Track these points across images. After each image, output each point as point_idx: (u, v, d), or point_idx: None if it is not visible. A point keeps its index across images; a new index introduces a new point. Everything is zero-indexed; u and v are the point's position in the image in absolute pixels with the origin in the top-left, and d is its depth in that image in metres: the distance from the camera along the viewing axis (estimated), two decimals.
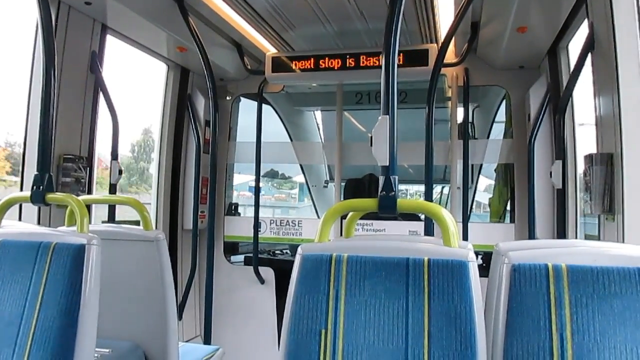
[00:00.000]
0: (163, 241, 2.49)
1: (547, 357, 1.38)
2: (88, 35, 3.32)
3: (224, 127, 4.68)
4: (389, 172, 1.68)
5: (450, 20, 3.46)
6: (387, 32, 1.75)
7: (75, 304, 1.73)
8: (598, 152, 2.66)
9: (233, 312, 4.55)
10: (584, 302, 1.40)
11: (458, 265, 1.51)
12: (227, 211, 4.79)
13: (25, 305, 1.74)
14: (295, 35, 4.12)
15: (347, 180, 5.30)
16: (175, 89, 4.40)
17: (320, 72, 4.08)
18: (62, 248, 1.78)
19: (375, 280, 1.56)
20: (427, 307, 1.50)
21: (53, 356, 1.67)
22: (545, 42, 3.59)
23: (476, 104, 5.30)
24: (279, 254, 5.20)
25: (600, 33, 2.65)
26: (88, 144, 3.34)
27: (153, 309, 2.47)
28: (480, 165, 5.30)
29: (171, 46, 3.98)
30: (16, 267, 1.81)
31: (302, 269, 1.62)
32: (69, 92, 3.17)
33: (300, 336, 1.56)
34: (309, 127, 6.65)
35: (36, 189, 1.97)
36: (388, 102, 1.71)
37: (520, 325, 1.42)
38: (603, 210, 2.55)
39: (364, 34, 4.07)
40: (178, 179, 4.46)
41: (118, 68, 4.03)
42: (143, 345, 2.46)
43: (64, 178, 3.10)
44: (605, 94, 2.64)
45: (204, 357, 2.90)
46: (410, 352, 1.48)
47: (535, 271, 1.45)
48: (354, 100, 5.11)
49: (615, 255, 1.47)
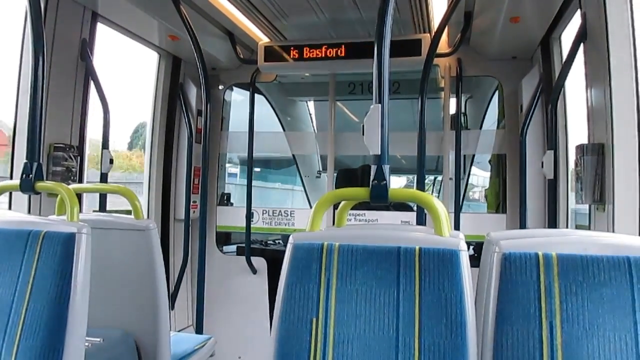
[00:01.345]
0: (154, 230, 2.48)
1: (536, 345, 1.39)
2: (78, 23, 3.28)
3: (216, 117, 4.66)
4: (380, 161, 1.68)
5: (443, 10, 3.45)
6: (379, 22, 1.74)
7: (65, 293, 1.72)
8: (589, 143, 2.67)
9: (225, 302, 4.55)
10: (574, 291, 1.41)
11: (449, 254, 1.52)
12: (219, 201, 4.79)
13: (15, 293, 1.73)
14: (288, 24, 4.10)
15: (340, 170, 5.30)
16: (167, 78, 4.37)
17: (313, 61, 4.06)
18: (52, 236, 1.77)
19: (366, 269, 1.56)
20: (418, 295, 1.51)
21: (43, 345, 1.67)
22: (538, 32, 3.59)
23: (469, 94, 5.30)
24: (271, 244, 5.20)
25: (593, 23, 2.65)
26: (79, 132, 3.31)
27: (144, 298, 2.47)
28: (472, 155, 5.31)
29: (163, 34, 3.95)
30: (5, 255, 1.79)
31: (293, 258, 1.62)
32: (59, 81, 3.14)
33: (291, 325, 1.56)
34: (302, 117, 6.63)
35: (26, 178, 1.96)
36: (380, 91, 1.70)
37: (510, 314, 1.43)
38: (594, 200, 2.57)
39: (357, 24, 4.05)
40: (170, 168, 4.44)
41: (110, 56, 4.00)
42: (134, 334, 2.45)
43: (54, 167, 3.07)
44: (597, 85, 2.65)
45: (195, 347, 2.91)
46: (401, 340, 1.48)
47: (526, 260, 1.45)
48: (346, 90, 5.10)
49: (605, 244, 1.48)
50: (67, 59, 3.21)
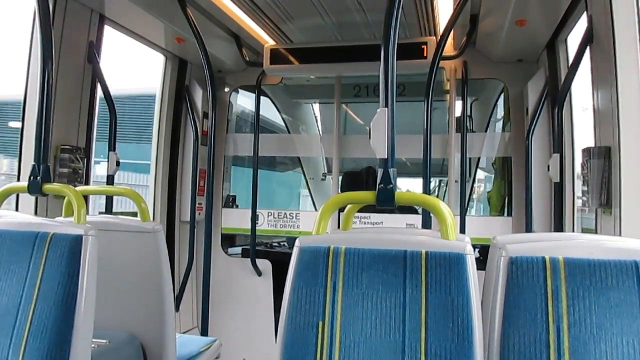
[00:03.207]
0: (161, 232, 2.49)
1: (543, 349, 1.39)
2: (86, 26, 3.30)
3: (222, 119, 4.66)
4: (387, 165, 1.67)
5: (449, 13, 3.45)
6: (386, 25, 1.74)
7: (72, 295, 1.73)
8: (596, 146, 2.66)
9: (230, 304, 4.56)
10: (581, 295, 1.41)
11: (456, 258, 1.52)
12: (224, 203, 4.79)
13: (22, 295, 1.74)
14: (293, 27, 4.11)
15: (345, 173, 5.29)
16: (172, 80, 4.38)
17: (318, 64, 4.07)
18: (59, 238, 1.78)
19: (372, 272, 1.56)
20: (425, 299, 1.51)
21: (50, 346, 1.68)
22: (544, 35, 3.58)
23: (474, 97, 5.29)
24: (276, 246, 5.20)
25: (599, 26, 2.64)
26: (85, 135, 3.33)
27: (150, 300, 2.48)
28: (478, 158, 5.31)
29: (169, 37, 3.96)
30: (13, 257, 1.80)
31: (299, 261, 1.62)
32: (66, 83, 3.15)
33: (297, 328, 1.56)
34: (308, 120, 6.64)
35: (33, 179, 1.97)
36: (387, 94, 1.70)
37: (517, 318, 1.43)
38: (600, 203, 2.56)
39: (363, 26, 4.06)
40: (175, 170, 4.46)
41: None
42: (140, 336, 2.46)
43: (61, 169, 3.09)
44: (603, 88, 2.64)
45: (201, 348, 2.91)
46: (408, 344, 1.48)
47: (533, 264, 1.45)
48: (352, 92, 5.10)
49: (612, 248, 1.47)
50: (74, 62, 3.23)
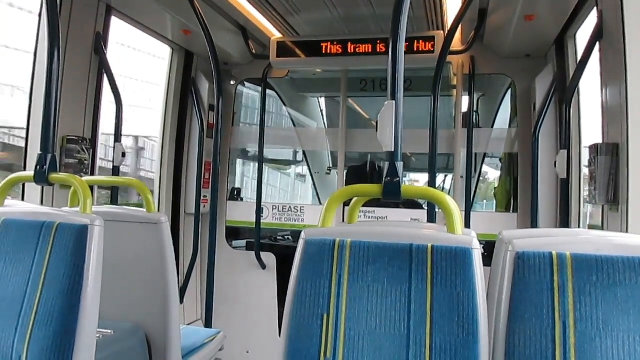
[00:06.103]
0: (166, 224, 2.49)
1: (549, 345, 1.38)
2: (93, 17, 3.30)
3: (228, 112, 4.66)
4: (394, 158, 1.67)
5: (457, 7, 3.43)
6: (394, 18, 1.73)
7: (77, 284, 1.73)
8: (603, 142, 2.64)
9: (234, 297, 4.57)
10: (588, 291, 1.40)
11: (462, 252, 1.51)
12: (229, 196, 4.80)
13: (28, 284, 1.75)
14: (300, 20, 4.09)
15: (350, 167, 5.28)
16: (179, 72, 4.38)
17: (325, 57, 4.05)
18: (65, 228, 1.78)
19: (378, 265, 1.56)
20: (430, 293, 1.50)
21: (55, 335, 1.68)
22: (552, 30, 3.55)
23: (481, 92, 5.27)
24: (281, 239, 5.21)
25: (609, 22, 2.62)
26: (92, 125, 3.33)
27: (155, 291, 2.48)
28: (484, 154, 5.29)
29: (176, 29, 3.96)
30: (19, 246, 1.81)
31: (305, 254, 1.62)
32: (73, 74, 3.16)
33: (302, 320, 1.56)
34: (313, 114, 6.63)
35: (39, 169, 1.97)
36: (394, 87, 1.69)
37: (523, 313, 1.42)
38: (607, 200, 2.54)
39: (370, 20, 4.04)
40: (181, 163, 4.46)
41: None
42: (145, 327, 2.47)
43: (67, 159, 3.09)
44: (612, 84, 2.62)
45: (205, 340, 2.92)
46: (413, 337, 1.48)
47: (540, 259, 1.44)
48: (358, 87, 5.09)
49: (620, 244, 1.46)
50: (81, 52, 3.23)
